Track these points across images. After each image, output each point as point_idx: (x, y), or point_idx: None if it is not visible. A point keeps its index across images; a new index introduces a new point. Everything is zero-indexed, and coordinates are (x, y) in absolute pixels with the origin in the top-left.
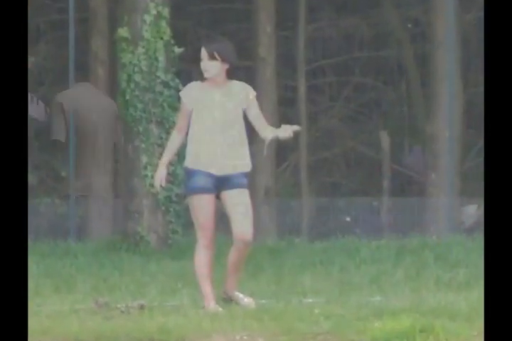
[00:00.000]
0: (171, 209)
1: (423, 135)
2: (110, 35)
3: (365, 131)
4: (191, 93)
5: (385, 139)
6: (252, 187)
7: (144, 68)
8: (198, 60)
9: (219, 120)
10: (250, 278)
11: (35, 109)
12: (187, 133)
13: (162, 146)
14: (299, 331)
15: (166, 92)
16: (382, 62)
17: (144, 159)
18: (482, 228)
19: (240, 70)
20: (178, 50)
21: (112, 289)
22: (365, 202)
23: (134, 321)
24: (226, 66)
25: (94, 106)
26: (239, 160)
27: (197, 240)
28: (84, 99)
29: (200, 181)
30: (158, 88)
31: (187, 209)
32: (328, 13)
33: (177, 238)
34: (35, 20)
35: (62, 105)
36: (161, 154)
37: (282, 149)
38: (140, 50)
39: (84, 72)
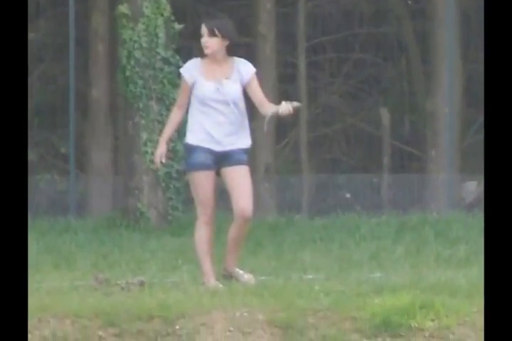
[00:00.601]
0: (171, 186)
1: (423, 111)
2: (110, 11)
3: (365, 107)
4: (191, 69)
5: (385, 116)
6: (252, 164)
7: (144, 45)
8: (198, 36)
9: (219, 96)
10: (250, 254)
11: None
12: (187, 110)
13: (162, 123)
14: (298, 307)
15: (167, 69)
16: (382, 39)
17: (144, 136)
18: (482, 204)
19: (240, 47)
20: (178, 26)
21: (112, 266)
22: (365, 178)
23: (133, 297)
24: (226, 43)
25: None
26: (239, 137)
27: (197, 217)
28: None
29: (200, 157)
30: (159, 64)
31: (187, 186)
32: None
33: (177, 214)
34: None
35: None
36: (161, 131)
37: (282, 126)
38: (140, 26)
39: (84, 49)
